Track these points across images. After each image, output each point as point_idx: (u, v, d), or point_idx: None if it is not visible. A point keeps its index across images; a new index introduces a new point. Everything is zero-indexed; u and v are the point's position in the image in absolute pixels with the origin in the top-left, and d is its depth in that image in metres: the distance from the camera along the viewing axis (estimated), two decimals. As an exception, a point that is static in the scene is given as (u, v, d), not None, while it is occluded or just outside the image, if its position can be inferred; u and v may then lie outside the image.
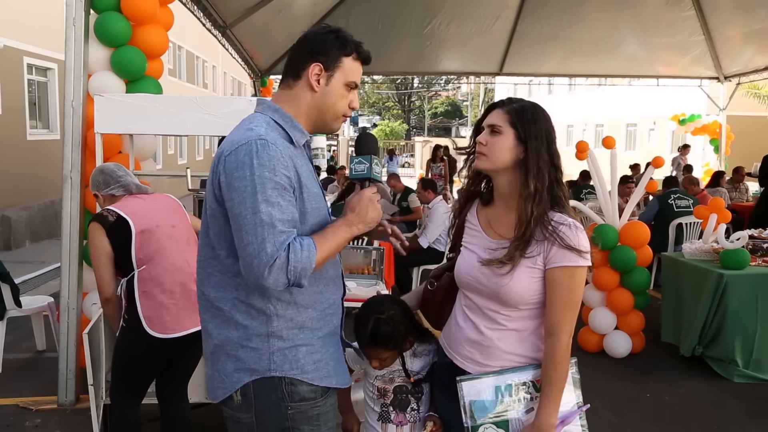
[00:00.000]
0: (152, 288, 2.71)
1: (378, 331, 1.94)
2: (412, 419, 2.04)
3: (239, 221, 1.58)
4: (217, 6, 7.21)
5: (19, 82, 10.86)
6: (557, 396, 1.77)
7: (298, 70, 1.74)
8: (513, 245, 1.76)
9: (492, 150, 1.79)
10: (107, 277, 2.74)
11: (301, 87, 1.74)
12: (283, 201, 1.59)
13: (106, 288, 2.75)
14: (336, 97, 1.76)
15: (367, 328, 1.95)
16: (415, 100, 54.09)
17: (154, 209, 2.88)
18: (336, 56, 1.73)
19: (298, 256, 1.57)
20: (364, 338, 1.97)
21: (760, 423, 3.98)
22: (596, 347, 5.12)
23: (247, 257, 1.57)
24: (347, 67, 1.75)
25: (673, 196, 7.21)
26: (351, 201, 1.76)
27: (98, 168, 3.00)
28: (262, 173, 1.57)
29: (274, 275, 1.56)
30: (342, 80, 1.75)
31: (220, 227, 1.67)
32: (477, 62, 11.77)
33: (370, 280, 4.58)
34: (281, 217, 1.58)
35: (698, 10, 9.33)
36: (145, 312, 2.69)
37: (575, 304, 1.78)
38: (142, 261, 2.73)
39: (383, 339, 1.95)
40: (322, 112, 1.76)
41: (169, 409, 2.98)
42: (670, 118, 16.03)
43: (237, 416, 1.74)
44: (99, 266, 2.74)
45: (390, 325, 1.95)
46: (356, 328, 1.99)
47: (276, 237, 1.56)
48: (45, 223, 10.82)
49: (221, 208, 1.65)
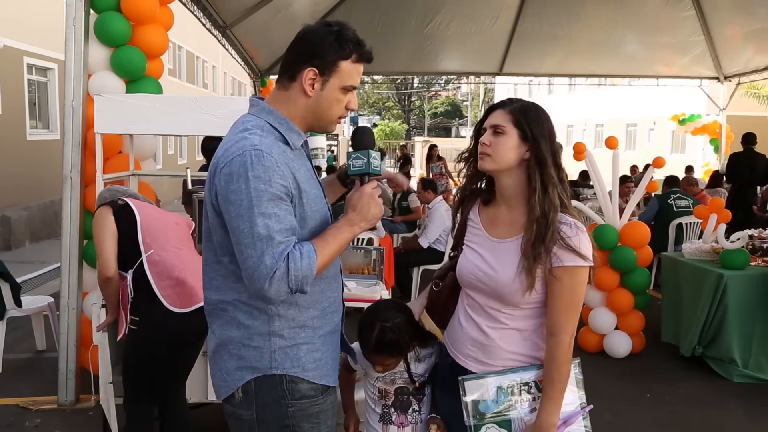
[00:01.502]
0: (164, 268, 2.74)
1: (383, 339, 1.93)
2: (414, 420, 2.04)
3: (237, 235, 1.58)
4: (217, 6, 7.21)
5: (19, 82, 10.86)
6: (558, 396, 1.77)
7: (293, 71, 1.70)
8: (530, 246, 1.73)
9: (496, 150, 1.78)
10: (110, 255, 2.75)
11: (296, 90, 1.71)
12: (280, 211, 1.59)
13: (108, 266, 2.75)
14: (331, 102, 1.72)
15: (372, 335, 1.94)
16: (415, 100, 54.07)
17: (158, 210, 3.01)
18: (333, 60, 1.67)
19: (298, 265, 1.57)
20: (369, 345, 1.96)
21: (760, 423, 3.98)
22: (596, 347, 5.12)
23: (247, 269, 1.58)
24: (344, 71, 1.69)
25: (673, 196, 7.21)
26: (351, 198, 1.74)
27: (104, 188, 3.09)
28: (258, 186, 1.56)
29: (275, 286, 1.56)
30: (338, 85, 1.70)
31: (221, 236, 1.68)
32: (477, 62, 11.77)
33: (370, 280, 4.58)
34: (279, 228, 1.57)
35: (698, 10, 9.32)
36: (163, 291, 2.71)
37: (577, 304, 1.78)
38: (150, 245, 2.77)
39: (389, 347, 1.94)
40: (317, 116, 1.74)
41: (168, 409, 2.98)
42: (670, 118, 16.03)
43: (238, 413, 1.74)
44: (102, 244, 2.75)
45: (395, 333, 1.94)
46: (360, 334, 1.99)
47: (274, 249, 1.56)
48: (45, 223, 10.82)
49: (220, 219, 1.66)
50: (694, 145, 20.11)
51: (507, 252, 1.80)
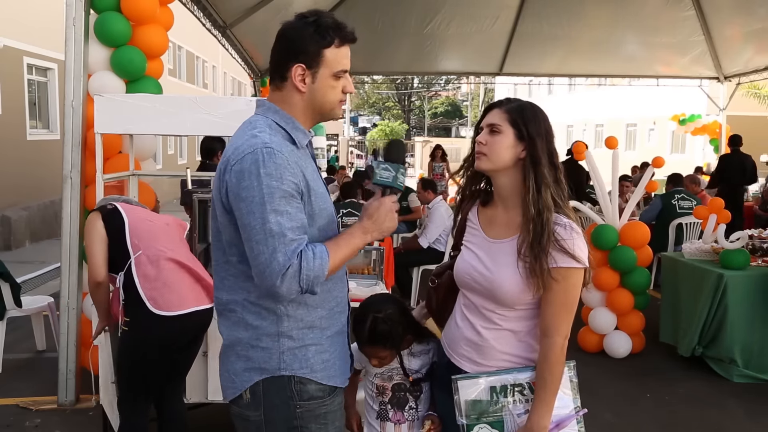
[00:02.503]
0: (150, 270, 2.73)
1: (376, 330, 1.96)
2: (411, 418, 2.05)
3: (249, 231, 1.58)
4: (217, 6, 7.21)
5: (19, 82, 10.87)
6: (550, 398, 1.76)
7: (282, 71, 1.71)
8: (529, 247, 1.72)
9: (492, 149, 1.78)
10: (99, 260, 2.77)
11: (289, 89, 1.72)
12: (292, 208, 1.60)
13: (98, 271, 2.77)
14: (325, 91, 1.72)
15: (365, 327, 1.97)
16: (415, 100, 54.08)
17: (148, 213, 3.01)
18: (316, 52, 1.67)
19: (311, 265, 1.58)
20: (362, 337, 1.99)
21: (760, 423, 3.98)
22: (596, 347, 5.12)
23: (259, 266, 1.58)
24: (331, 59, 1.69)
25: (677, 196, 7.14)
26: (369, 207, 1.75)
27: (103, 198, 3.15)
28: (270, 182, 1.57)
29: (286, 284, 1.57)
30: (328, 74, 1.70)
31: (230, 234, 1.68)
32: (477, 62, 11.76)
33: (370, 280, 4.58)
34: (290, 225, 1.58)
35: (698, 10, 9.32)
36: (148, 293, 2.69)
37: (571, 305, 1.77)
38: (137, 246, 2.76)
39: (381, 337, 1.96)
40: (316, 108, 1.75)
41: (166, 409, 2.98)
42: (670, 118, 16.02)
43: (245, 414, 1.74)
44: (92, 248, 2.77)
45: (387, 324, 1.96)
46: (354, 327, 2.00)
47: (287, 246, 1.56)
48: (45, 223, 10.82)
49: (230, 217, 1.65)
50: (694, 145, 20.11)
51: (502, 252, 1.80)
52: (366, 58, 10.46)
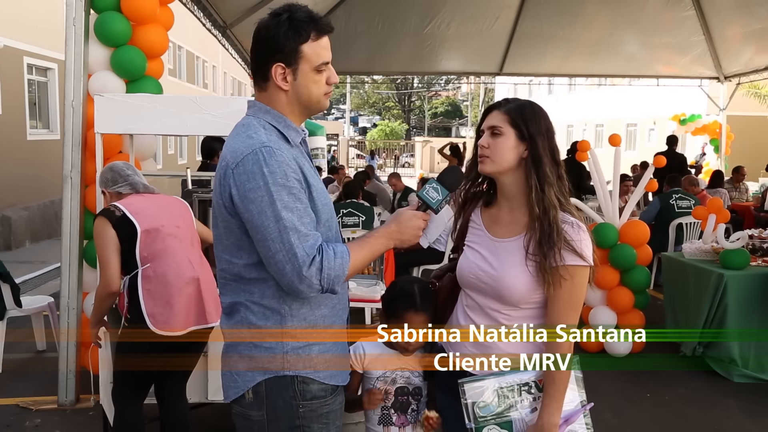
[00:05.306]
0: (156, 286, 2.70)
1: (424, 293, 2.00)
2: (413, 420, 2.05)
3: (263, 231, 1.58)
4: (217, 6, 7.21)
5: (19, 82, 10.86)
6: (560, 396, 1.76)
7: (263, 72, 1.70)
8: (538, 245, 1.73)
9: (495, 152, 1.78)
10: (115, 270, 2.70)
11: (272, 88, 1.71)
12: (300, 204, 1.60)
13: (113, 281, 2.71)
14: (309, 86, 1.71)
15: (414, 291, 2.00)
16: (415, 100, 54.05)
17: (158, 208, 2.88)
18: (293, 49, 1.66)
19: (332, 264, 1.59)
20: (414, 302, 2.00)
21: (760, 423, 3.98)
22: (596, 346, 5.11)
23: (278, 264, 1.58)
24: (309, 53, 1.67)
25: (675, 196, 7.15)
26: (402, 215, 1.75)
27: (108, 166, 3.00)
28: (275, 180, 1.57)
29: (307, 280, 1.57)
30: (309, 69, 1.68)
31: (236, 238, 1.67)
32: (477, 62, 11.76)
33: (370, 280, 4.58)
34: (303, 221, 1.59)
35: (698, 10, 9.32)
36: (149, 310, 2.67)
37: (577, 303, 1.78)
38: (147, 259, 2.72)
39: (428, 302, 2.00)
40: (303, 104, 1.74)
41: (168, 409, 2.98)
42: (671, 118, 15.99)
43: (247, 414, 1.74)
44: (107, 258, 2.70)
45: (430, 291, 2.02)
46: (397, 298, 2.02)
47: (303, 241, 1.57)
48: (45, 223, 10.82)
49: (235, 220, 1.65)
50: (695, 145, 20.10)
51: (508, 251, 1.81)
52: (366, 58, 10.47)
